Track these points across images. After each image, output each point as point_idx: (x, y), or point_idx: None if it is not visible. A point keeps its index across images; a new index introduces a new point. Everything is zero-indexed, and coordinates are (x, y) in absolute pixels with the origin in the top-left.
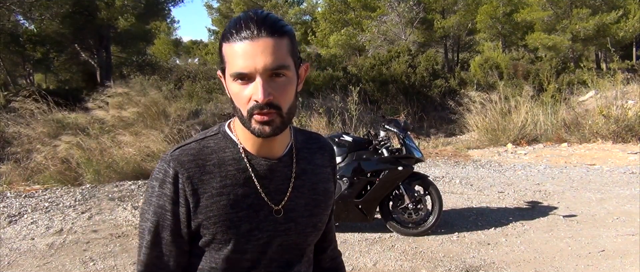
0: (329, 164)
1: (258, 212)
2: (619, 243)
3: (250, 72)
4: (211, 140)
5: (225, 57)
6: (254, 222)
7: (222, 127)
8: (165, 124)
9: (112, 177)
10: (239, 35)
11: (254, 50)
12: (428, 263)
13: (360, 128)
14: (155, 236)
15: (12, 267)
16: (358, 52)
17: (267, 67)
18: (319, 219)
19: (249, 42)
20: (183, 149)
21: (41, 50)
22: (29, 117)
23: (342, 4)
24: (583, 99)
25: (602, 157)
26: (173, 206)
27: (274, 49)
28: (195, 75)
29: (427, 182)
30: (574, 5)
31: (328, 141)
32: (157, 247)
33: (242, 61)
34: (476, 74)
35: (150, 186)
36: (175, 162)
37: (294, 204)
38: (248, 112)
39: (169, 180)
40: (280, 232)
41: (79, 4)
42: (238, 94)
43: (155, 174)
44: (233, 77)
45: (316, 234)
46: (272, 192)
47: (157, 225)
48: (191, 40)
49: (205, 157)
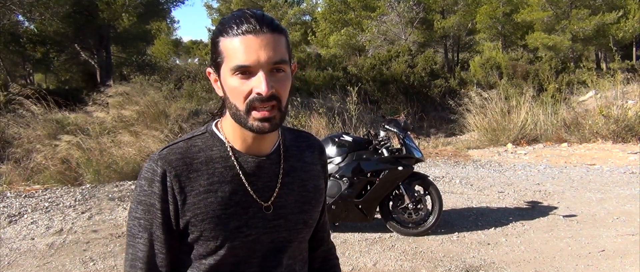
0: (319, 161)
1: (247, 209)
2: (619, 243)
3: (253, 64)
4: (198, 139)
5: (223, 52)
6: (242, 219)
7: (210, 127)
8: (165, 124)
9: (112, 177)
10: (240, 29)
11: (257, 43)
12: (428, 263)
13: (360, 128)
14: (144, 233)
15: (12, 267)
16: (358, 52)
17: (270, 60)
18: (310, 216)
19: (252, 36)
20: (171, 148)
21: (41, 50)
22: (29, 117)
23: (342, 4)
24: (583, 99)
25: (602, 157)
26: (162, 203)
27: (276, 44)
28: (195, 75)
29: (427, 182)
30: (573, 6)
31: (318, 139)
32: (145, 244)
33: (245, 54)
34: (476, 74)
35: (138, 185)
36: (163, 161)
37: (284, 201)
38: (247, 106)
39: (157, 179)
40: (269, 229)
41: (79, 4)
42: (237, 89)
43: (144, 173)
44: (233, 71)
45: (307, 230)
46: (260, 189)
47: (147, 223)
48: (191, 40)
49: (193, 155)
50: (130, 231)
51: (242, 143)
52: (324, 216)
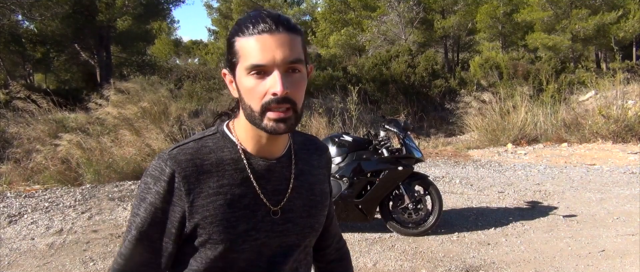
0: (325, 165)
1: (255, 212)
2: (619, 243)
3: (268, 63)
4: (209, 139)
5: (238, 52)
6: (251, 223)
7: (221, 127)
8: (165, 123)
9: (112, 177)
10: (256, 28)
11: (273, 43)
12: (428, 263)
13: (360, 128)
14: (143, 231)
15: (12, 267)
16: (358, 52)
17: (286, 59)
18: (316, 220)
19: (268, 36)
20: (181, 148)
21: (41, 50)
22: (29, 117)
23: (342, 4)
24: (583, 99)
25: (602, 157)
26: (165, 204)
27: (292, 44)
28: (195, 75)
29: (427, 182)
30: (573, 6)
31: (324, 144)
32: (142, 242)
33: (260, 53)
34: (476, 74)
35: (144, 182)
36: (173, 161)
37: (292, 204)
38: (262, 107)
39: (164, 178)
40: (278, 233)
41: (79, 4)
42: (252, 89)
43: (151, 170)
44: (248, 70)
45: (314, 235)
46: (269, 192)
47: (147, 221)
48: (191, 40)
49: (203, 156)
50: (129, 226)
51: (255, 145)
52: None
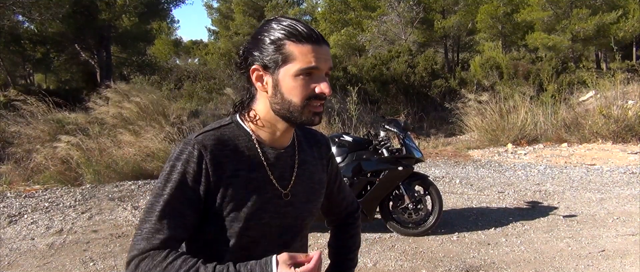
0: (325, 156)
1: (265, 195)
2: (619, 243)
3: (320, 69)
4: (226, 129)
5: (290, 54)
6: (259, 204)
7: (234, 118)
8: (165, 124)
9: (112, 177)
10: (309, 39)
11: (323, 53)
12: (428, 263)
13: (360, 128)
14: (171, 208)
15: (12, 267)
16: (358, 52)
17: (329, 67)
18: (314, 206)
19: (318, 47)
20: (204, 134)
21: (41, 50)
22: (29, 117)
23: (342, 4)
24: (583, 99)
25: (602, 157)
26: (195, 183)
27: (329, 55)
28: (195, 75)
29: (427, 182)
30: (574, 5)
31: (324, 136)
32: (168, 218)
33: (315, 60)
34: (476, 74)
35: (170, 166)
36: (200, 145)
37: (295, 190)
38: (305, 102)
39: (194, 160)
40: (281, 215)
41: (80, 4)
42: (300, 87)
43: (178, 154)
44: (301, 72)
45: (311, 219)
46: (277, 178)
47: (176, 198)
48: (191, 40)
49: (224, 142)
50: (150, 206)
51: (268, 136)
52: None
